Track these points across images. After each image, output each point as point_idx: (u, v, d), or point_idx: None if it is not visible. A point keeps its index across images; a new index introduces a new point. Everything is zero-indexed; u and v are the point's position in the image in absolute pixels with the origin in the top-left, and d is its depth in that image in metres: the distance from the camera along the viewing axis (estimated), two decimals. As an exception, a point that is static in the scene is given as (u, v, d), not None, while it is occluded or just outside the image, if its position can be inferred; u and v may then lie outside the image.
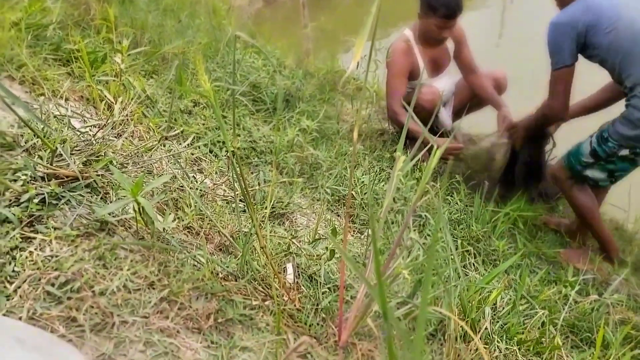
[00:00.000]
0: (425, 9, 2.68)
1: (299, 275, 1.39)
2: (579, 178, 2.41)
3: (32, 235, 1.09)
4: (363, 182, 2.28)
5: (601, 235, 2.48)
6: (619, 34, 2.13)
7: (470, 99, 3.02)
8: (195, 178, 1.63)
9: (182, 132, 1.93)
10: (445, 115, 3.02)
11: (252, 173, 1.98)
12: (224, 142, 2.02)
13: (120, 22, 2.46)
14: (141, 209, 1.12)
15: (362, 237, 1.98)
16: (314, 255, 1.40)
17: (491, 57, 5.35)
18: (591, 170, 2.35)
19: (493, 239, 2.25)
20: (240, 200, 1.66)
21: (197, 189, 1.53)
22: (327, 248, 1.48)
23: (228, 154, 1.43)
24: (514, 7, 7.28)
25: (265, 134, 2.26)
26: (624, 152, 2.24)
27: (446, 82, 2.97)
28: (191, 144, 1.88)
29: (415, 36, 2.82)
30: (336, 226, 1.94)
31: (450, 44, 2.91)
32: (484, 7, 7.10)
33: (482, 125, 3.13)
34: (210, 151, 1.96)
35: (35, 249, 1.07)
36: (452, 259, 1.64)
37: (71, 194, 1.21)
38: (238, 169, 1.17)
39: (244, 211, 1.63)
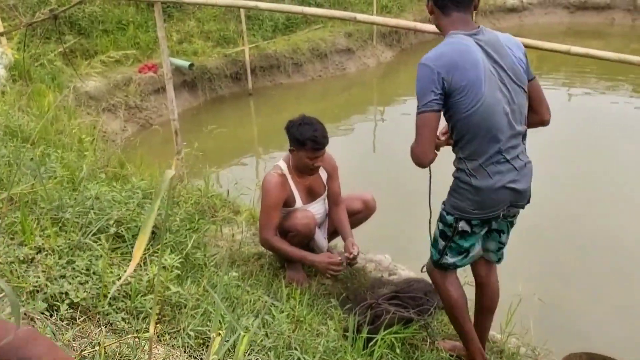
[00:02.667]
0: (295, 144, 2.80)
1: None
2: (442, 267, 2.34)
3: None
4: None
5: (464, 331, 2.41)
6: (477, 112, 2.03)
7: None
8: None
9: (16, 287, 1.73)
10: (320, 236, 3.06)
11: (98, 326, 1.79)
12: (66, 293, 1.83)
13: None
14: None
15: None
16: None
17: (368, 170, 5.66)
18: (447, 256, 2.29)
19: (370, 368, 2.19)
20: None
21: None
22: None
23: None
24: (385, 123, 7.92)
25: (121, 276, 2.10)
26: (462, 225, 2.18)
27: (320, 207, 3.05)
28: (26, 301, 1.68)
29: (289, 167, 2.89)
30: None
31: (324, 173, 3.02)
32: (358, 124, 7.64)
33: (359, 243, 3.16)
34: (50, 307, 1.76)
35: None
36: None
37: None
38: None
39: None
